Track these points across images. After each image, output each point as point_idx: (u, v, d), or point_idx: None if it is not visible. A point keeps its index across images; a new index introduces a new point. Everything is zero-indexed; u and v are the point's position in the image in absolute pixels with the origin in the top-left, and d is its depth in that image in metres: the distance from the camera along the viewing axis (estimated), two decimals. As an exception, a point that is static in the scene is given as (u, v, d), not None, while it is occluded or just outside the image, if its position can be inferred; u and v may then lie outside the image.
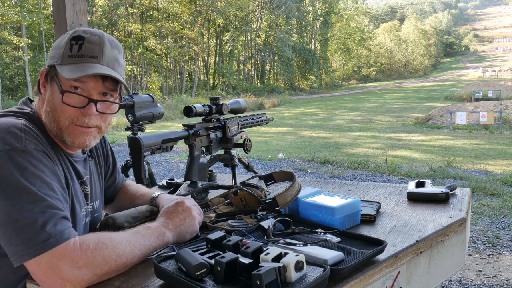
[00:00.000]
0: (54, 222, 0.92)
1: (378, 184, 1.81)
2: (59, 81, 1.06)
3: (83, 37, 1.07)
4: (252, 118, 1.93)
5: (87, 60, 1.06)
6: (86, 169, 1.22)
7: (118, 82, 1.10)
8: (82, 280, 0.90)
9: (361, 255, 0.99)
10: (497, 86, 32.42)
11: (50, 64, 1.09)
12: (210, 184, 1.58)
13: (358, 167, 7.69)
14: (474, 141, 12.07)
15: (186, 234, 1.11)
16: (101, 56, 1.07)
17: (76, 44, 1.06)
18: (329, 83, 53.06)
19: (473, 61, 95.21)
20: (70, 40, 1.07)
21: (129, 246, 0.98)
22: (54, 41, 1.17)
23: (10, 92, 28.27)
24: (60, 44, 1.09)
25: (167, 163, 8.55)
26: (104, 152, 1.35)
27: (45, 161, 0.99)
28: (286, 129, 15.98)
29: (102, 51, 1.08)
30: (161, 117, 1.99)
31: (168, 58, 35.46)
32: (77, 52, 1.06)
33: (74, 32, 1.09)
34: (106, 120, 1.13)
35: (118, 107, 1.15)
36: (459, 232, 1.31)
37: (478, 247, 3.87)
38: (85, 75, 1.03)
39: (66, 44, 1.07)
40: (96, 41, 1.08)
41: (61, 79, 1.06)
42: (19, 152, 0.94)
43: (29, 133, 0.99)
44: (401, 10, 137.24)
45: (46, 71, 1.10)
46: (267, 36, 43.95)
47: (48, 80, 1.09)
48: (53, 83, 1.07)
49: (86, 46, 1.06)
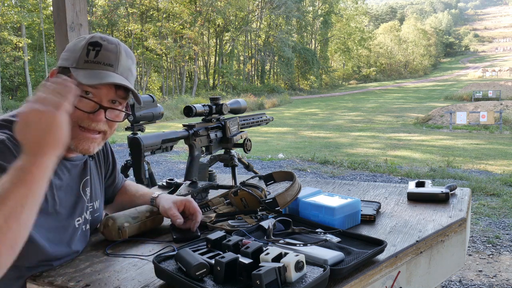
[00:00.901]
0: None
1: (378, 184, 1.81)
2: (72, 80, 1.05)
3: (101, 44, 1.08)
4: (252, 118, 1.93)
5: (103, 67, 1.07)
6: (86, 170, 1.23)
7: (129, 91, 1.12)
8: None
9: (361, 255, 0.99)
10: (497, 86, 32.42)
11: (63, 66, 1.08)
12: (210, 184, 1.58)
13: (358, 167, 7.69)
14: (474, 141, 12.08)
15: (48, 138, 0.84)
16: (117, 65, 1.09)
17: (93, 50, 1.07)
18: (329, 83, 53.06)
19: (473, 61, 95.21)
20: (88, 45, 1.08)
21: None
22: (55, 41, 1.17)
23: (10, 92, 28.28)
24: (76, 47, 1.09)
25: (167, 163, 8.55)
26: (104, 152, 1.35)
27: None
28: (286, 129, 15.98)
29: (118, 60, 1.09)
30: (161, 117, 1.99)
31: (168, 58, 35.47)
32: (94, 58, 1.07)
33: (92, 38, 1.09)
34: (112, 127, 1.14)
35: (124, 115, 1.16)
36: (459, 232, 1.31)
37: (478, 247, 3.87)
38: (102, 83, 1.05)
39: (83, 49, 1.07)
40: (113, 50, 1.09)
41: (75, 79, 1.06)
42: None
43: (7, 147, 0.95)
44: (401, 10, 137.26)
45: (57, 72, 1.09)
46: (267, 36, 43.95)
47: None
48: None
49: (103, 53, 1.07)
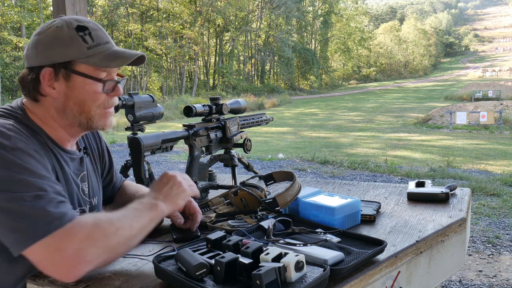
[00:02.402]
0: (54, 206, 0.92)
1: (378, 184, 1.81)
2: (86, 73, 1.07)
3: (86, 27, 1.08)
4: (252, 118, 1.92)
5: (106, 46, 1.09)
6: (82, 165, 1.23)
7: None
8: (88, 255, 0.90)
9: (361, 255, 0.99)
10: (497, 86, 32.41)
11: (58, 61, 1.05)
12: (210, 184, 1.58)
13: (358, 167, 7.69)
14: (474, 141, 12.08)
15: (178, 200, 1.12)
16: (110, 39, 1.12)
17: (85, 35, 1.07)
18: (329, 83, 53.04)
19: (473, 61, 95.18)
20: (78, 32, 1.06)
21: (125, 219, 0.99)
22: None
23: (10, 92, 28.25)
24: (63, 39, 1.05)
25: (167, 163, 8.55)
26: (99, 149, 1.35)
27: (38, 157, 0.99)
28: (286, 129, 15.98)
29: (107, 34, 1.12)
30: (161, 117, 1.99)
31: (168, 58, 35.45)
32: (93, 42, 1.07)
33: (70, 24, 1.07)
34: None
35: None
36: (459, 232, 1.31)
37: (478, 247, 3.87)
38: (130, 60, 1.10)
39: (76, 37, 1.05)
40: (97, 27, 1.10)
41: (87, 70, 1.07)
42: (9, 149, 0.94)
43: (17, 131, 1.00)
44: (401, 10, 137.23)
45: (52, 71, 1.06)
46: (267, 36, 43.94)
47: (61, 78, 1.07)
48: (73, 77, 1.07)
49: (95, 34, 1.08)
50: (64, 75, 1.07)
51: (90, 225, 0.93)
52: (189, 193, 1.16)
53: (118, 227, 0.96)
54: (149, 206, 1.06)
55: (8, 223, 0.90)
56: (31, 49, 1.07)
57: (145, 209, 1.05)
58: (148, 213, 1.04)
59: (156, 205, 1.07)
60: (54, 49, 1.05)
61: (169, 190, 1.12)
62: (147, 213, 1.04)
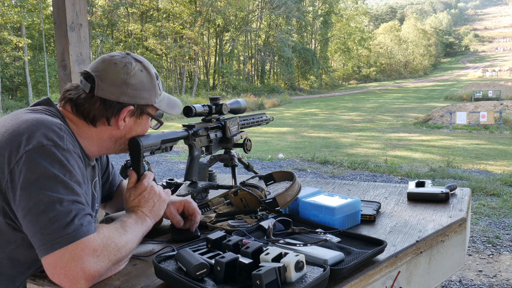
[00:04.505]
0: (81, 216, 0.96)
1: (378, 184, 1.81)
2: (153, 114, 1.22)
3: (158, 75, 1.24)
4: (252, 118, 1.92)
5: (164, 94, 1.28)
6: (95, 172, 1.26)
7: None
8: (100, 268, 0.95)
9: (361, 255, 0.99)
10: (497, 86, 32.41)
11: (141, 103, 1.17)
12: (210, 184, 1.58)
13: (358, 167, 7.69)
14: (474, 141, 12.07)
15: (160, 212, 1.20)
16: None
17: (159, 83, 1.23)
18: (329, 83, 53.04)
19: (473, 61, 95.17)
20: (157, 79, 1.21)
21: (129, 234, 1.05)
22: (55, 41, 1.19)
23: (10, 92, 28.26)
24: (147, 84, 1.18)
25: (167, 163, 8.55)
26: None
27: (79, 163, 1.06)
28: (286, 129, 15.98)
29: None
30: (161, 117, 1.98)
31: (168, 58, 35.46)
32: (161, 89, 1.24)
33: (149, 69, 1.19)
34: None
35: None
36: (459, 232, 1.31)
37: (478, 247, 3.87)
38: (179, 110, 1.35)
39: (156, 85, 1.20)
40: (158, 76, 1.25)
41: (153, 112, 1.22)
42: (60, 149, 0.99)
43: (67, 134, 1.05)
44: (401, 10, 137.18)
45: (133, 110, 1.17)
46: (267, 36, 43.94)
47: (136, 115, 1.19)
48: (144, 117, 1.21)
49: (160, 82, 1.25)
50: (139, 114, 1.19)
51: (106, 237, 0.98)
52: (166, 201, 1.23)
53: (126, 241, 1.03)
54: (140, 222, 1.13)
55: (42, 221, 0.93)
56: (111, 85, 1.12)
57: (137, 224, 1.12)
58: (140, 228, 1.12)
59: (144, 219, 1.14)
60: (140, 92, 1.16)
61: (152, 205, 1.18)
62: (139, 228, 1.11)
